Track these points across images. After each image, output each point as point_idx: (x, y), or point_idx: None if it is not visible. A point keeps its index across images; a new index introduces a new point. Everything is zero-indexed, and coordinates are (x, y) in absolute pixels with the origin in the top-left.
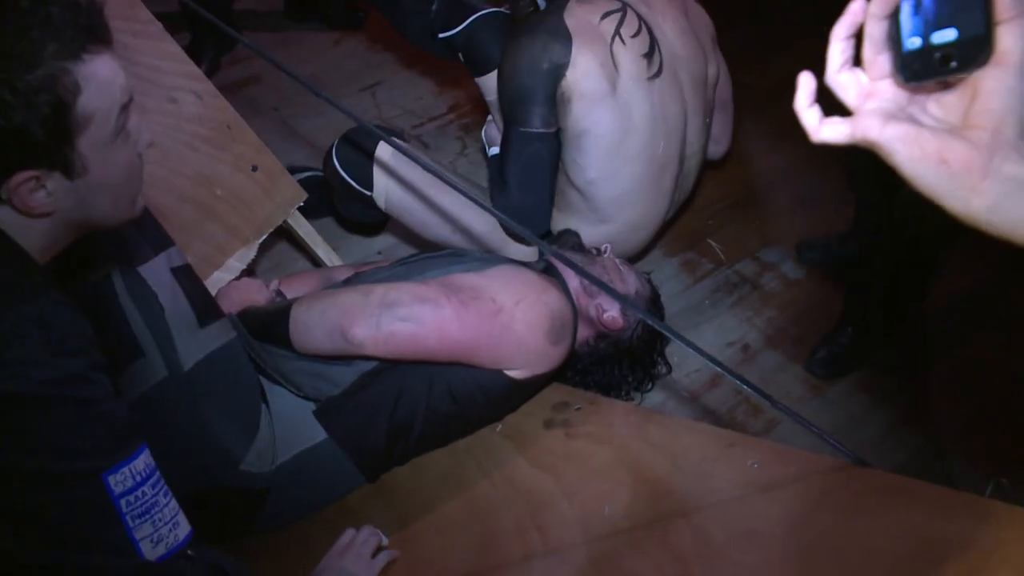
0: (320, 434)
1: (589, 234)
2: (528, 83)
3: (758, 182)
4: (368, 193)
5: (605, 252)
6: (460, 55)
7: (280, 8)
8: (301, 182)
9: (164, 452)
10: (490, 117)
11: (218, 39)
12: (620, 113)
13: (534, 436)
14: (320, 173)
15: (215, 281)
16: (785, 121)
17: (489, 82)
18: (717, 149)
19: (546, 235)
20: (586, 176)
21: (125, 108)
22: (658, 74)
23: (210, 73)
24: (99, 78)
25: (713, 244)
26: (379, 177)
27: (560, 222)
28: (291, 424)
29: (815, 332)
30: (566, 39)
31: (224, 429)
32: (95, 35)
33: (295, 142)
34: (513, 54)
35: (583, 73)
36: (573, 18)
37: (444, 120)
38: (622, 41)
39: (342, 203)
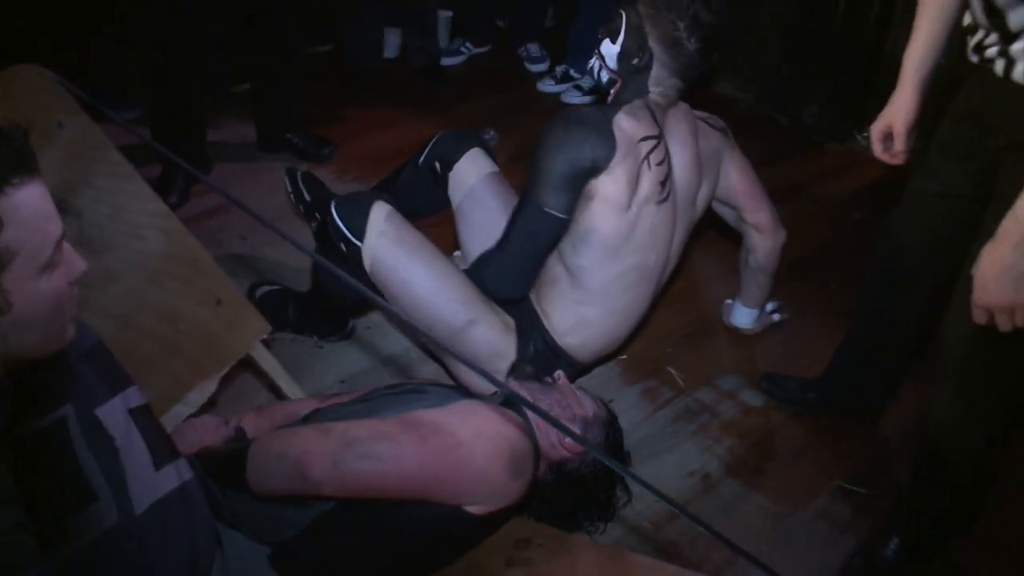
0: None
1: (566, 314)
2: (564, 169)
3: (714, 311)
4: (358, 244)
5: (558, 379)
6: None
7: (253, 141)
8: (264, 296)
9: None
10: (458, 253)
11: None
12: (628, 225)
13: (495, 575)
14: (279, 287)
15: (174, 415)
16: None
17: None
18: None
19: (520, 302)
20: (579, 262)
21: (58, 242)
22: (665, 200)
23: (180, 203)
24: (24, 210)
25: (673, 372)
26: (372, 229)
27: (543, 294)
28: (245, 570)
29: (774, 460)
30: (611, 146)
31: None
32: (21, 164)
33: (262, 270)
34: (561, 138)
35: (613, 181)
36: (620, 130)
37: None
38: (649, 166)
39: (324, 276)
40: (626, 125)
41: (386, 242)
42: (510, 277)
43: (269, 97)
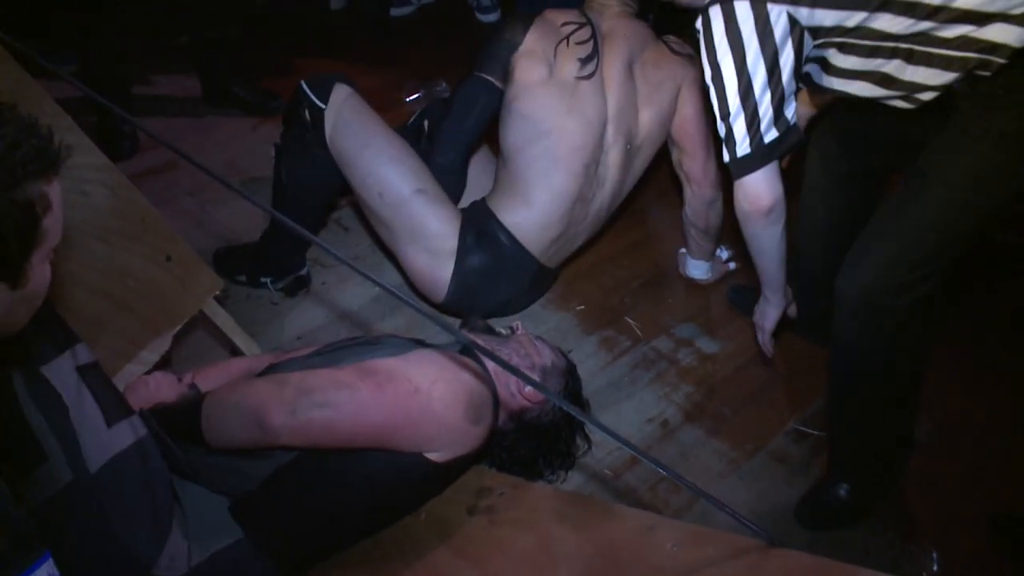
0: (236, 532)
1: (516, 219)
2: (491, 48)
3: (669, 260)
4: (321, 107)
5: (517, 330)
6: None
7: (199, 94)
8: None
9: (69, 560)
10: None
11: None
12: (548, 98)
13: (458, 523)
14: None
15: (127, 374)
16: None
17: None
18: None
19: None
20: (508, 141)
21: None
22: (589, 77)
23: (131, 154)
24: (58, 198)
25: (630, 321)
26: (336, 97)
27: (496, 203)
28: (206, 523)
29: (730, 405)
30: (526, 27)
31: (133, 533)
32: (58, 158)
33: (210, 228)
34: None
35: (528, 55)
36: (541, 17)
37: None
38: (568, 44)
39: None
40: (549, 14)
41: (348, 110)
42: (451, 140)
43: (208, 49)
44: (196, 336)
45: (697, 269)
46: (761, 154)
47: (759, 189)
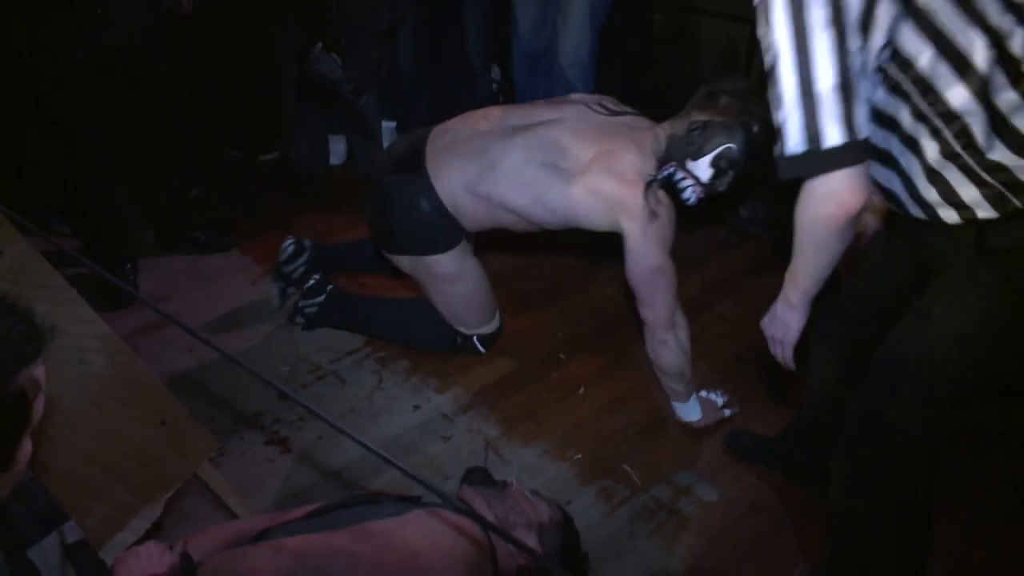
0: None
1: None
2: None
3: (665, 405)
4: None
5: (512, 484)
6: None
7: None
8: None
9: None
10: None
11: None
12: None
13: None
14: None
15: (118, 543)
16: (694, 344)
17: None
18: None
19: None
20: None
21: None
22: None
23: (131, 301)
24: (43, 377)
25: (628, 469)
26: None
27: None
28: None
29: (734, 556)
30: None
31: None
32: (43, 343)
33: (208, 389)
34: None
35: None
36: None
37: (360, 355)
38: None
39: None
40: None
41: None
42: None
43: (167, 200)
44: (189, 499)
45: (682, 412)
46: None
47: (846, 185)
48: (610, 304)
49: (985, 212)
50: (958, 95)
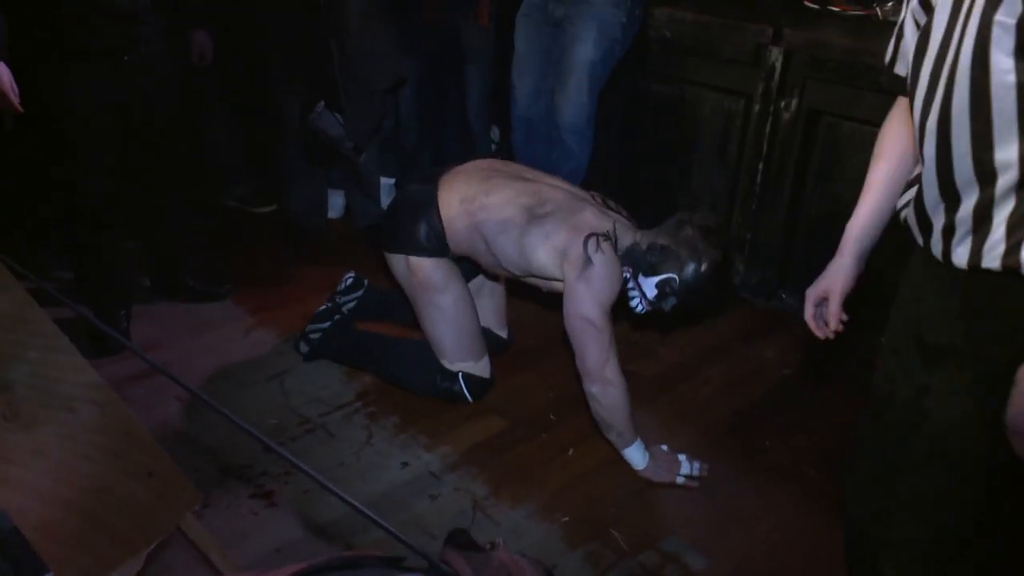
0: None
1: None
2: None
3: None
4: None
5: (498, 545)
6: None
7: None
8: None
9: None
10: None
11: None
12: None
13: None
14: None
15: None
16: (678, 405)
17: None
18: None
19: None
20: None
21: None
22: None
23: (122, 348)
24: None
25: (616, 534)
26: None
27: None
28: None
29: None
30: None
31: None
32: None
33: (196, 439)
34: None
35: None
36: None
37: (351, 408)
38: None
39: None
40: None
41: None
42: None
43: (164, 246)
44: (171, 552)
45: (626, 457)
46: None
47: None
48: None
49: None
50: None
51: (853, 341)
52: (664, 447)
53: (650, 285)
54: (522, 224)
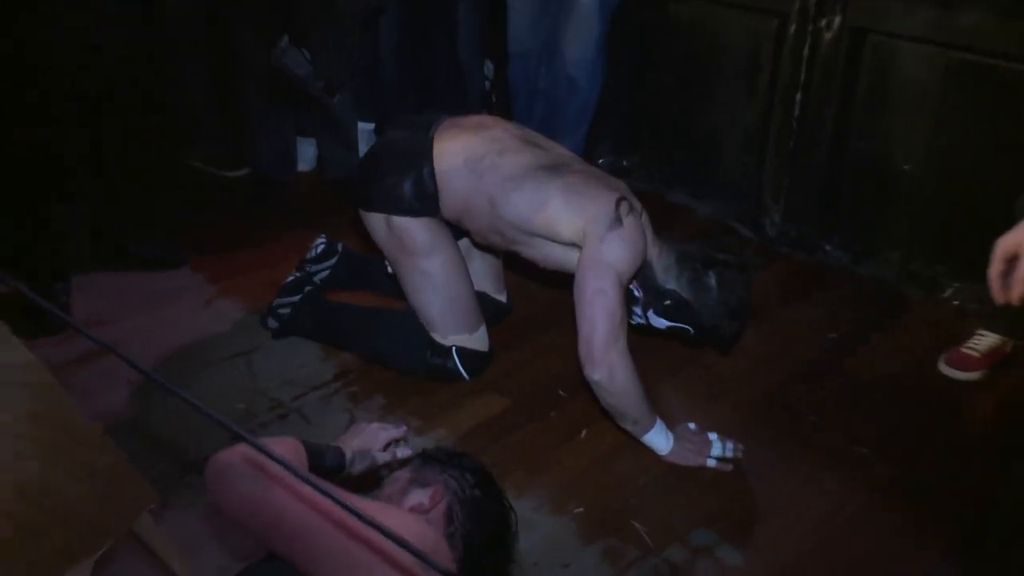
0: None
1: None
2: None
3: None
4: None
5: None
6: None
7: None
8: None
9: None
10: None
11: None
12: None
13: None
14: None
15: None
16: (708, 379)
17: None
18: None
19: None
20: None
21: None
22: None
23: (64, 326)
24: None
25: (638, 527)
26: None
27: None
28: None
29: None
30: None
31: None
32: None
33: (150, 427)
34: None
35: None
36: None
37: (329, 389)
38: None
39: None
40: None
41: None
42: None
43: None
44: (123, 561)
45: (648, 442)
46: None
47: None
48: None
49: None
50: None
51: (906, 296)
52: (692, 426)
53: (661, 323)
54: (542, 178)
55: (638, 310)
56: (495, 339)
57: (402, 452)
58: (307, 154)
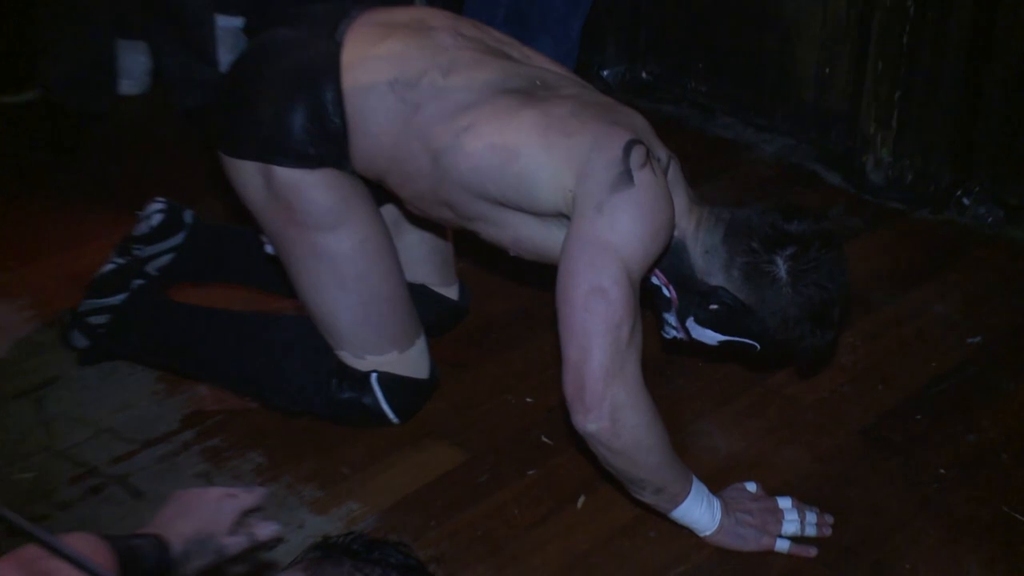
0: None
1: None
2: None
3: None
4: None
5: None
6: None
7: None
8: None
9: None
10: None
11: None
12: None
13: None
14: None
15: None
16: (780, 405)
17: None
18: None
19: None
20: None
21: None
22: None
23: None
24: None
25: None
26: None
27: None
28: None
29: None
30: None
31: None
32: None
33: None
34: None
35: None
36: None
37: (174, 443)
38: None
39: None
40: None
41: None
42: None
43: None
44: None
45: (686, 521)
46: None
47: None
48: None
49: None
50: None
51: None
52: (751, 486)
53: (708, 336)
54: (511, 108)
55: (671, 318)
56: (443, 356)
57: (265, 531)
58: (135, 67)
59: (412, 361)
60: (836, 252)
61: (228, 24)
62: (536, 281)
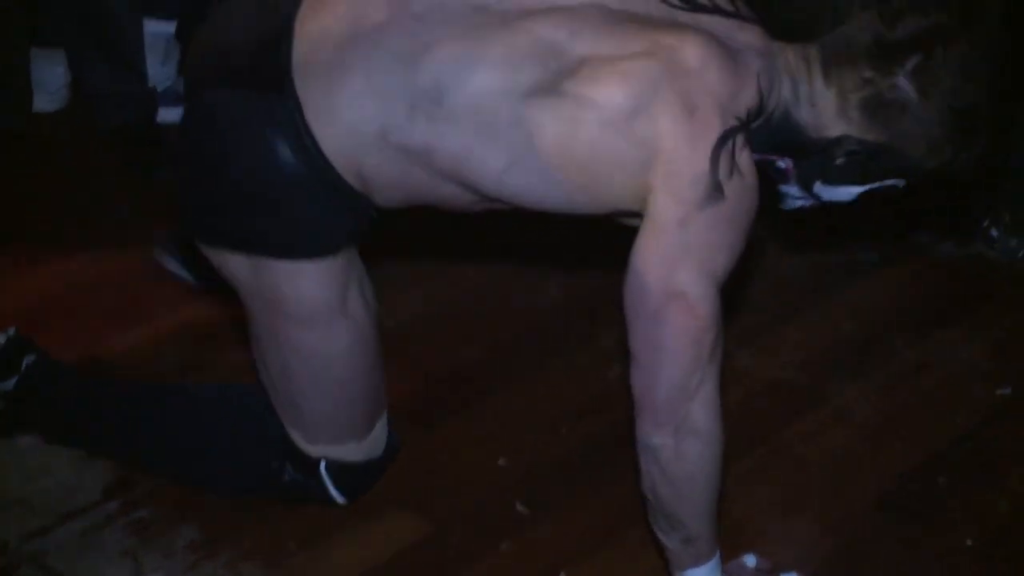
0: None
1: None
2: None
3: None
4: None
5: None
6: None
7: None
8: None
9: None
10: None
11: None
12: None
13: None
14: None
15: None
16: (786, 464)
17: None
18: None
19: None
20: None
21: None
22: None
23: None
24: None
25: None
26: None
27: None
28: None
29: None
30: None
31: None
32: None
33: None
34: None
35: None
36: None
37: (95, 516)
38: None
39: None
40: None
41: None
42: None
43: None
44: None
45: None
46: None
47: None
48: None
49: None
50: None
51: None
52: (750, 561)
53: (844, 192)
54: (543, 124)
55: (791, 189)
56: (405, 412)
57: None
58: (52, 81)
59: (369, 445)
60: (962, 42)
61: (159, 30)
62: (507, 323)
